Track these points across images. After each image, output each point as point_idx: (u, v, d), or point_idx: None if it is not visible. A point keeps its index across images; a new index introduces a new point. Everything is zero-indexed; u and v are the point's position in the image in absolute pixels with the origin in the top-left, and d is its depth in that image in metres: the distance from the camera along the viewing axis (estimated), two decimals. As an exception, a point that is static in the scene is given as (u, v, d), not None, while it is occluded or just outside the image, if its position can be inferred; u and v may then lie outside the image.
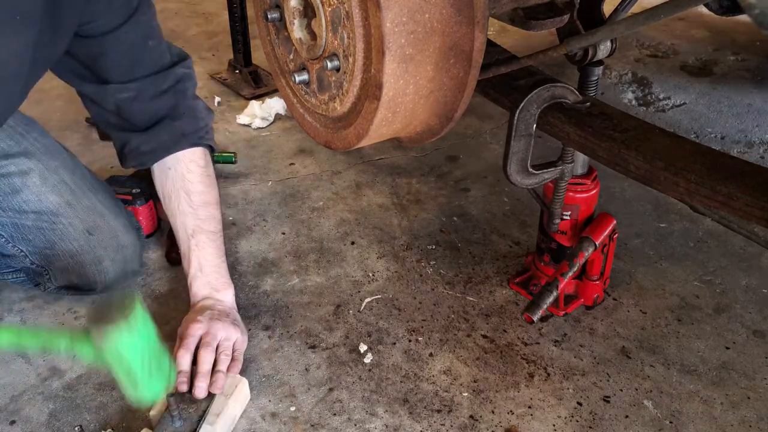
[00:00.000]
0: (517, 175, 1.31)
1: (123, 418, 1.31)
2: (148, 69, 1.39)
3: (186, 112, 1.45)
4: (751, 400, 1.34)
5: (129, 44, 1.34)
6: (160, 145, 1.44)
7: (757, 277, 1.63)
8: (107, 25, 1.30)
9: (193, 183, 1.46)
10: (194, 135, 1.46)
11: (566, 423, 1.30)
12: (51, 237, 1.45)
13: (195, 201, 1.46)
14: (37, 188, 1.44)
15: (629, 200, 1.89)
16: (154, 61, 1.40)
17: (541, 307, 1.40)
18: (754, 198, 0.98)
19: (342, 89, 1.09)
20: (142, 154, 1.45)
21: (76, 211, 1.46)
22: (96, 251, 1.48)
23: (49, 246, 1.45)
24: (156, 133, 1.43)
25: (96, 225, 1.47)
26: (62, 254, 1.46)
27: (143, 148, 1.44)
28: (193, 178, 1.46)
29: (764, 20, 0.69)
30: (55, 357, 1.43)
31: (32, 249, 1.46)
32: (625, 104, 2.37)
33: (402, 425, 1.29)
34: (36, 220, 1.44)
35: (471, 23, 0.99)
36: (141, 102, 1.40)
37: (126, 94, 1.38)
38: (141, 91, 1.39)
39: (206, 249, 1.46)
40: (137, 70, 1.38)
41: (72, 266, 1.47)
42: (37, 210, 1.44)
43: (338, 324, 1.51)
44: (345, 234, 1.78)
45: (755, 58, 2.63)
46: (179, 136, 1.44)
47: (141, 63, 1.38)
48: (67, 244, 1.46)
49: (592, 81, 1.33)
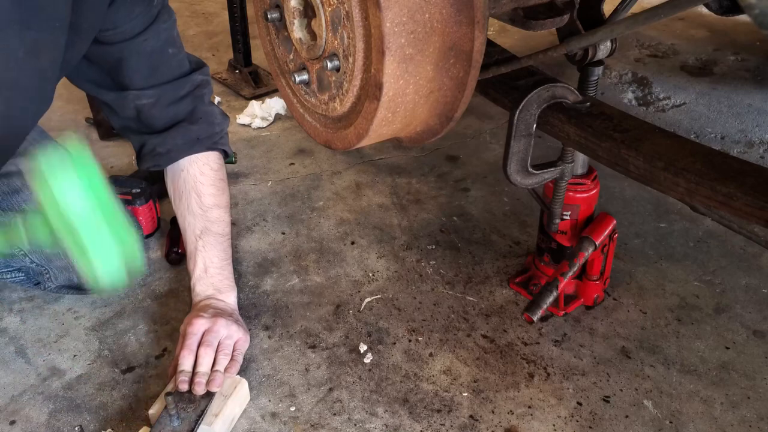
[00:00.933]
0: (517, 175, 1.31)
1: (123, 418, 1.31)
2: (167, 76, 1.41)
3: (202, 117, 1.47)
4: (751, 400, 1.34)
5: (149, 52, 1.36)
6: (175, 148, 1.46)
7: (757, 277, 1.63)
8: (128, 33, 1.32)
9: (204, 185, 1.48)
10: (209, 139, 1.48)
11: (566, 423, 1.30)
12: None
13: (205, 203, 1.48)
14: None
15: (629, 200, 1.89)
16: (173, 68, 1.42)
17: (541, 307, 1.40)
18: (754, 198, 0.98)
19: (342, 89, 1.09)
20: (158, 156, 1.47)
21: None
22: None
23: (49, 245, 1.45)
24: (172, 136, 1.44)
25: None
26: (62, 253, 1.46)
27: (159, 149, 1.46)
28: (205, 180, 1.48)
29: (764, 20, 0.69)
30: (55, 357, 1.44)
31: (32, 248, 1.46)
32: (625, 104, 2.37)
33: (402, 425, 1.29)
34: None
35: (471, 23, 0.99)
36: (160, 107, 1.42)
37: (146, 100, 1.41)
38: (160, 96, 1.41)
39: (212, 251, 1.47)
40: (157, 77, 1.40)
41: (72, 265, 1.47)
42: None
43: (338, 324, 1.51)
44: (345, 234, 1.78)
45: (755, 58, 2.63)
46: (194, 140, 1.46)
47: (160, 70, 1.40)
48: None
49: (592, 81, 1.33)
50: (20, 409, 1.33)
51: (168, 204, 1.86)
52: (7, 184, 1.43)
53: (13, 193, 1.43)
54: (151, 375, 1.39)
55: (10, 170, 1.43)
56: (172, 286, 1.62)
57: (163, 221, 1.80)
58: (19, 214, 1.43)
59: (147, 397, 1.34)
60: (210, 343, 1.32)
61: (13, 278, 1.54)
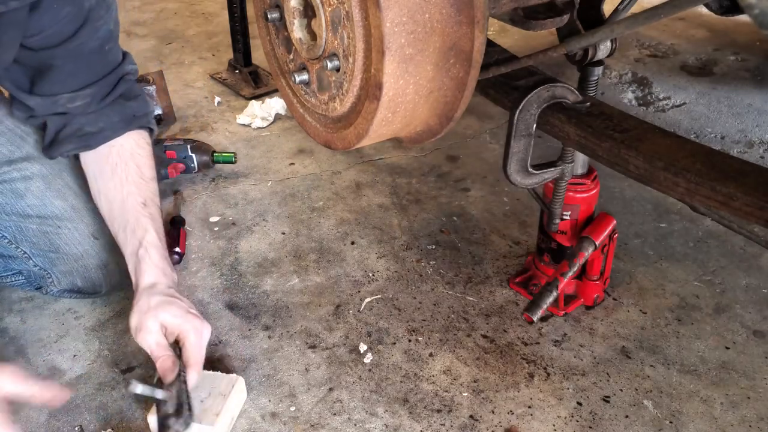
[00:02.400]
0: (517, 175, 1.31)
1: (123, 418, 1.31)
2: (103, 71, 1.33)
3: (139, 95, 1.41)
4: (751, 400, 1.34)
5: (85, 53, 1.28)
6: (110, 126, 1.36)
7: (757, 277, 1.63)
8: (57, 37, 1.24)
9: (143, 158, 1.40)
10: (144, 117, 1.41)
11: (566, 423, 1.30)
12: (56, 241, 1.45)
13: (146, 174, 1.39)
14: (41, 193, 1.43)
15: (629, 200, 1.89)
16: (109, 62, 1.34)
17: (541, 307, 1.40)
18: (754, 198, 0.98)
19: (342, 89, 1.09)
20: (86, 136, 1.34)
21: (81, 216, 1.46)
22: (101, 255, 1.48)
23: (53, 249, 1.45)
24: (105, 113, 1.35)
25: (101, 229, 1.46)
26: (67, 258, 1.46)
27: (89, 128, 1.34)
28: (143, 153, 1.40)
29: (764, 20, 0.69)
30: (55, 357, 1.44)
31: (36, 251, 1.46)
32: (625, 104, 2.37)
33: (402, 425, 1.29)
34: (41, 224, 1.44)
35: (471, 23, 0.99)
36: (94, 104, 1.34)
37: (80, 102, 1.32)
38: (95, 94, 1.33)
39: (158, 222, 1.37)
40: (91, 76, 1.32)
41: (77, 269, 1.47)
42: (42, 215, 1.44)
43: (338, 324, 1.51)
44: (345, 234, 1.78)
45: (755, 58, 2.63)
46: (131, 117, 1.38)
47: (95, 68, 1.32)
48: (72, 248, 1.45)
49: (592, 81, 1.33)
50: (20, 409, 1.33)
51: (167, 204, 1.87)
52: (10, 189, 1.42)
53: (17, 198, 1.42)
54: (151, 375, 1.39)
55: (13, 176, 1.42)
56: (172, 286, 1.61)
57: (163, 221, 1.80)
58: (23, 219, 1.44)
59: (147, 398, 1.34)
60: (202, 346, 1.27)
61: (13, 282, 1.53)
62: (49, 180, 1.44)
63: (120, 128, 1.38)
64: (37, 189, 1.43)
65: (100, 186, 1.40)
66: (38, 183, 1.43)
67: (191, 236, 1.77)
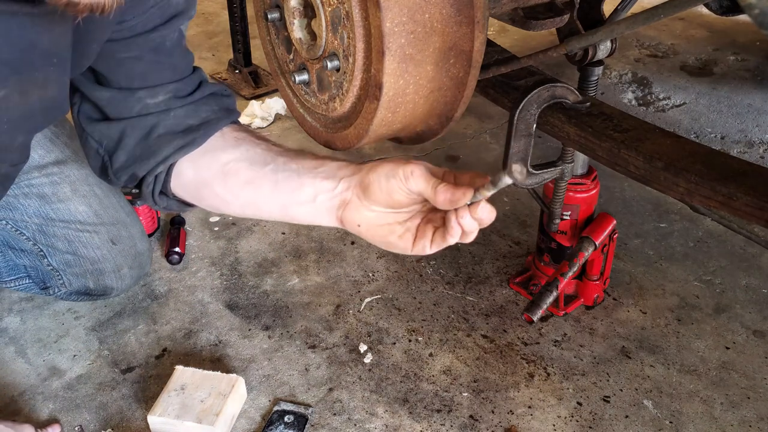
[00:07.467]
0: (517, 174, 1.31)
1: (123, 418, 1.31)
2: (185, 70, 1.13)
3: (230, 95, 1.17)
4: (751, 400, 1.34)
5: (167, 47, 1.09)
6: (213, 115, 1.12)
7: (757, 277, 1.63)
8: (139, 27, 1.04)
9: (254, 134, 1.14)
10: (237, 113, 1.17)
11: (566, 423, 1.30)
12: (76, 244, 1.46)
13: (273, 148, 1.08)
14: (68, 198, 1.44)
15: (629, 200, 1.89)
16: (189, 61, 1.15)
17: (541, 307, 1.40)
18: (754, 198, 0.98)
19: (342, 89, 1.09)
20: (189, 131, 1.09)
21: (102, 221, 1.47)
22: (117, 260, 1.48)
23: (71, 252, 1.46)
24: (201, 105, 1.12)
25: (120, 235, 1.48)
26: (83, 261, 1.47)
27: (190, 120, 1.10)
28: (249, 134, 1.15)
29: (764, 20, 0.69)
30: (55, 357, 1.44)
31: (53, 251, 1.46)
32: (625, 104, 2.37)
33: (402, 425, 1.29)
34: (63, 228, 1.45)
35: (471, 23, 0.99)
36: (179, 101, 1.11)
37: (162, 96, 1.10)
38: (178, 90, 1.11)
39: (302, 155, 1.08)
40: (174, 74, 1.11)
41: (91, 272, 1.48)
42: (66, 219, 1.44)
43: (338, 324, 1.51)
44: (345, 234, 1.78)
45: (755, 58, 2.62)
46: (227, 109, 1.15)
47: (178, 65, 1.12)
48: (90, 252, 1.46)
49: (592, 81, 1.33)
50: (20, 409, 1.33)
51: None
52: (36, 193, 1.43)
53: (43, 202, 1.43)
54: (151, 375, 1.39)
55: (42, 181, 1.43)
56: (172, 286, 1.61)
57: (163, 221, 1.81)
58: (46, 222, 1.44)
59: (147, 397, 1.34)
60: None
61: (18, 286, 1.53)
62: (76, 185, 1.45)
63: (224, 117, 1.12)
64: (64, 195, 1.44)
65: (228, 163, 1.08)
66: (65, 189, 1.44)
67: (191, 236, 1.77)
